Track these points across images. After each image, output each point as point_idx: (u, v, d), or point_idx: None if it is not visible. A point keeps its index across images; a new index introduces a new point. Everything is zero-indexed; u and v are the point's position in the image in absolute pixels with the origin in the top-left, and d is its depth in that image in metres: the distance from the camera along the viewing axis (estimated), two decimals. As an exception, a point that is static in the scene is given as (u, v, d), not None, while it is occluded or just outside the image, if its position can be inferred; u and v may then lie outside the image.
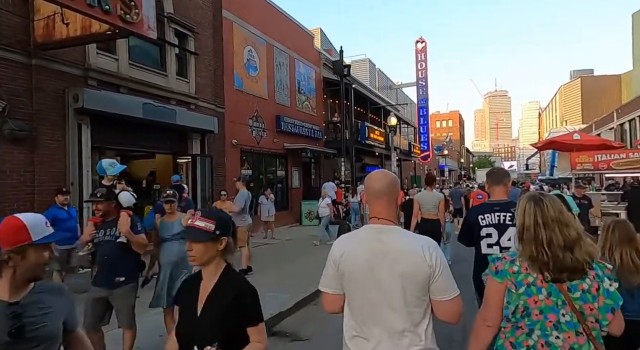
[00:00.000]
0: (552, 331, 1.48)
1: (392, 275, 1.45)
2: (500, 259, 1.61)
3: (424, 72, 33.85)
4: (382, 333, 1.46)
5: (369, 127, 18.45)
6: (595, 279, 1.48)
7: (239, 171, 12.11)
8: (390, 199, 1.56)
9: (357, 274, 1.50)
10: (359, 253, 1.52)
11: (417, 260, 1.44)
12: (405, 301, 1.44)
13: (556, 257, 1.47)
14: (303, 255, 8.87)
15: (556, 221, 1.51)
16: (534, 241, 1.52)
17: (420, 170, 35.56)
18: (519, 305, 1.51)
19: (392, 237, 1.50)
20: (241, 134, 12.14)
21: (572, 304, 1.46)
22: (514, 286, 1.52)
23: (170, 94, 9.09)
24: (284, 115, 14.42)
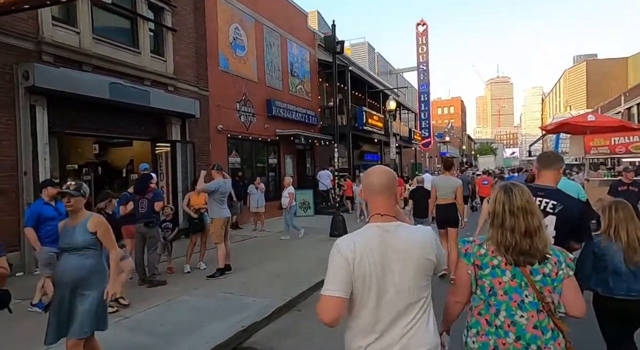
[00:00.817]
0: (517, 310, 1.62)
1: (406, 273, 1.49)
2: (470, 242, 1.76)
3: (425, 56, 32.74)
4: (397, 327, 1.49)
5: (367, 112, 17.52)
6: (556, 265, 1.63)
7: (226, 159, 11.30)
8: (390, 194, 1.57)
9: (374, 277, 1.48)
10: (373, 255, 1.48)
11: (426, 255, 1.50)
12: (418, 293, 1.51)
13: (517, 242, 1.62)
14: (292, 250, 8.12)
15: (522, 210, 1.65)
16: (500, 227, 1.67)
17: (420, 158, 34.69)
18: (485, 284, 1.67)
19: (400, 235, 1.52)
20: (228, 119, 11.29)
21: (534, 285, 1.61)
22: (479, 268, 1.68)
23: (143, 73, 8.22)
24: (276, 99, 13.53)
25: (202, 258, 6.52)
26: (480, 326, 1.70)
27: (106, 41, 7.42)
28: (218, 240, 5.94)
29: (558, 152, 21.14)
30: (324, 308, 1.45)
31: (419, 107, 32.78)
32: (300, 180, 15.17)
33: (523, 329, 1.62)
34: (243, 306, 4.69)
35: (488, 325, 1.68)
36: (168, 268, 6.21)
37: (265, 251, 7.99)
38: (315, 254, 7.50)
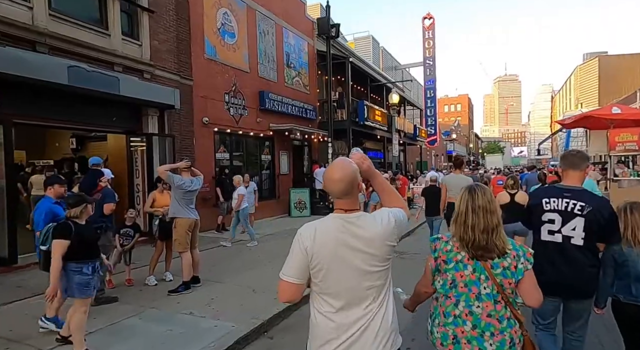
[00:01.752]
0: (475, 301, 1.78)
1: (366, 260, 1.53)
2: (439, 239, 1.93)
3: (432, 51, 31.69)
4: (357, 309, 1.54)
5: (369, 106, 16.53)
6: (515, 259, 1.78)
7: (212, 155, 10.43)
8: (351, 189, 1.55)
9: (332, 264, 1.53)
10: (329, 243, 1.53)
11: (387, 241, 1.55)
12: (377, 278, 1.56)
13: (476, 238, 1.78)
14: (278, 257, 7.20)
15: (482, 209, 1.81)
16: (463, 224, 1.82)
17: (426, 155, 33.60)
18: (448, 278, 1.83)
19: (360, 224, 1.55)
20: (215, 112, 10.40)
21: (494, 278, 1.76)
22: (444, 262, 1.85)
23: (113, 58, 7.35)
24: (270, 91, 12.62)
25: (169, 267, 5.64)
26: (439, 318, 1.85)
27: (66, 19, 6.55)
28: (182, 249, 5.05)
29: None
30: (280, 289, 1.59)
31: (425, 104, 31.72)
32: (296, 179, 14.27)
33: (478, 318, 1.76)
34: (199, 333, 3.80)
35: (444, 316, 1.83)
36: (126, 280, 5.34)
37: (246, 258, 7.09)
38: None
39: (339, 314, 1.54)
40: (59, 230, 3.18)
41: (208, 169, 10.11)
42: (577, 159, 2.58)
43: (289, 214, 13.22)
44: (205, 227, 9.77)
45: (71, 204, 3.37)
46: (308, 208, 13.36)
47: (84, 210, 3.37)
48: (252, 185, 9.38)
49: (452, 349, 1.79)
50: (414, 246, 7.97)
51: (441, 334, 1.83)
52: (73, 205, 3.35)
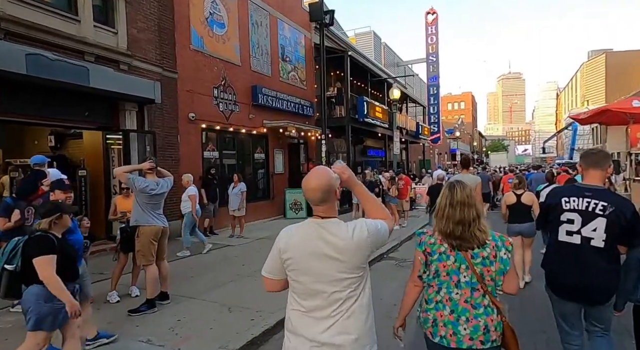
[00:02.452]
0: (454, 289, 1.89)
1: (333, 265, 1.56)
2: (424, 233, 2.05)
3: (435, 47, 30.87)
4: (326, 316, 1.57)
5: (369, 102, 15.81)
6: (494, 249, 1.88)
7: (200, 154, 9.75)
8: (327, 197, 1.59)
9: (301, 265, 1.60)
10: (301, 247, 1.60)
11: (360, 247, 1.57)
12: (348, 283, 1.57)
13: (451, 229, 1.90)
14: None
15: (460, 203, 1.92)
16: (442, 217, 1.95)
17: (429, 154, 32.82)
18: (432, 268, 1.96)
19: (333, 231, 1.58)
20: (203, 107, 9.72)
21: (474, 267, 1.87)
22: (429, 255, 1.97)
23: (84, 46, 6.68)
24: (263, 86, 11.92)
25: (136, 281, 4.96)
26: (423, 304, 2.02)
27: (25, 2, 5.87)
28: (146, 261, 4.36)
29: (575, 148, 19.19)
30: (265, 283, 1.76)
31: (428, 101, 30.92)
32: (292, 178, 13.58)
33: (456, 303, 1.89)
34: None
35: (427, 303, 1.98)
36: (84, 296, 4.66)
37: (229, 268, 6.41)
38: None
39: (308, 314, 1.60)
40: (42, 244, 2.57)
41: (195, 168, 9.44)
42: (599, 158, 2.50)
43: (284, 216, 12.55)
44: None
45: (41, 213, 2.73)
46: (304, 209, 12.66)
47: (58, 222, 2.71)
48: (240, 186, 8.69)
49: (431, 331, 1.93)
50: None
51: (424, 318, 1.98)
52: (43, 215, 2.69)
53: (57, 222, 2.68)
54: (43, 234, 2.63)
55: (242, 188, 8.69)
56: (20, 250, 2.59)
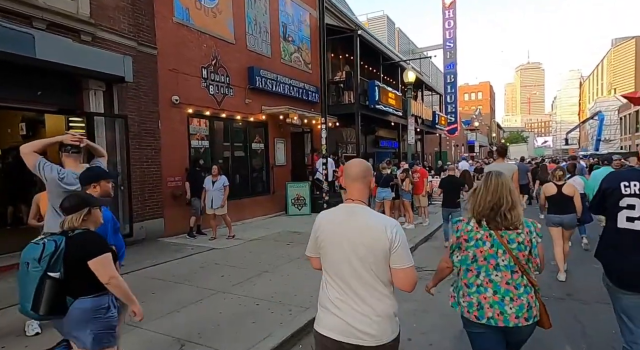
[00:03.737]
0: (493, 271, 2.05)
1: (359, 244, 1.73)
2: (460, 221, 2.20)
3: (452, 33, 29.05)
4: (347, 292, 1.75)
5: (381, 88, 14.37)
6: (528, 234, 2.06)
7: (185, 142, 8.58)
8: (364, 182, 1.84)
9: (330, 243, 1.80)
10: (331, 227, 1.81)
11: (378, 234, 1.72)
12: (366, 269, 1.72)
13: (485, 208, 2.07)
14: (250, 279, 5.31)
15: (494, 187, 2.09)
16: (478, 200, 2.11)
17: (446, 145, 31.12)
18: (469, 254, 2.10)
19: (361, 214, 1.78)
20: (189, 89, 8.54)
21: (511, 252, 2.03)
22: (465, 241, 2.11)
23: (31, 9, 5.53)
24: (261, 67, 10.67)
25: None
26: (463, 289, 2.12)
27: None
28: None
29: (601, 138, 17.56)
30: (311, 262, 1.98)
31: (445, 90, 29.22)
32: (295, 171, 12.36)
33: (498, 285, 2.03)
34: None
35: (468, 287, 2.09)
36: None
37: (201, 281, 5.20)
38: (276, 289, 4.69)
39: (332, 290, 1.79)
40: (95, 241, 2.18)
41: (180, 159, 8.30)
42: None
43: (285, 212, 11.34)
44: (175, 231, 8.02)
45: (65, 208, 2.22)
46: (308, 205, 11.44)
47: (88, 218, 2.23)
48: (221, 180, 7.50)
49: (477, 314, 2.03)
50: (432, 259, 5.96)
51: (467, 303, 2.08)
52: (68, 210, 2.20)
53: (86, 219, 2.21)
54: (88, 230, 2.20)
55: (224, 182, 7.48)
56: (61, 254, 2.09)
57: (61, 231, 2.16)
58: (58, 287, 2.06)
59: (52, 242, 2.09)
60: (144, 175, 7.40)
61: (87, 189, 2.58)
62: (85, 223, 2.19)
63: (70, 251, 2.07)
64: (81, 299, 2.09)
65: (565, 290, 4.80)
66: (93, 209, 2.23)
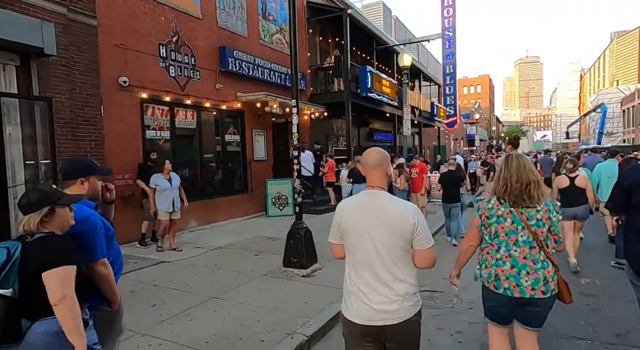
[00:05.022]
0: (513, 246, 2.18)
1: (381, 229, 1.81)
2: (481, 200, 2.33)
3: (451, 21, 27.55)
4: (370, 277, 1.83)
5: (374, 74, 13.01)
6: (547, 212, 2.17)
7: (138, 133, 7.25)
8: (382, 169, 1.92)
9: (352, 230, 1.86)
10: (355, 212, 1.88)
11: (401, 218, 1.80)
12: (394, 249, 1.81)
13: (509, 187, 2.20)
14: (205, 304, 4.00)
15: (516, 167, 2.22)
16: (499, 179, 2.26)
17: (444, 139, 29.82)
18: (492, 230, 2.24)
19: (383, 200, 1.87)
20: (142, 70, 7.20)
21: (529, 228, 2.16)
22: (487, 218, 2.26)
23: None
24: (235, 48, 9.33)
25: None
26: (487, 261, 2.27)
27: None
28: None
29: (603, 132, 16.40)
30: (332, 251, 2.02)
31: (444, 81, 27.79)
32: (277, 167, 11.05)
33: (516, 259, 2.17)
34: None
35: (490, 259, 2.25)
36: None
37: (140, 304, 3.90)
38: (218, 327, 3.38)
39: (356, 276, 1.87)
40: (60, 249, 1.68)
41: (131, 153, 6.98)
42: None
43: (265, 213, 10.05)
44: (123, 239, 6.68)
45: (22, 205, 1.74)
46: (291, 204, 10.15)
47: (49, 219, 1.73)
48: (176, 177, 6.19)
49: (495, 284, 2.21)
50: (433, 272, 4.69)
51: (487, 274, 2.25)
52: (25, 208, 1.73)
53: (47, 220, 1.73)
54: (55, 236, 1.72)
55: (177, 180, 6.17)
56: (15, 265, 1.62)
57: (18, 236, 1.74)
58: (10, 307, 1.63)
59: (3, 250, 1.65)
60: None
61: (72, 185, 2.06)
62: (46, 225, 1.74)
63: (27, 261, 1.65)
64: (43, 320, 1.65)
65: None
66: (58, 208, 1.76)
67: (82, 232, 1.85)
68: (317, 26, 13.33)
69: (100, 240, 1.92)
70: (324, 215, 10.13)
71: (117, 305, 2.04)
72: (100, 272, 1.91)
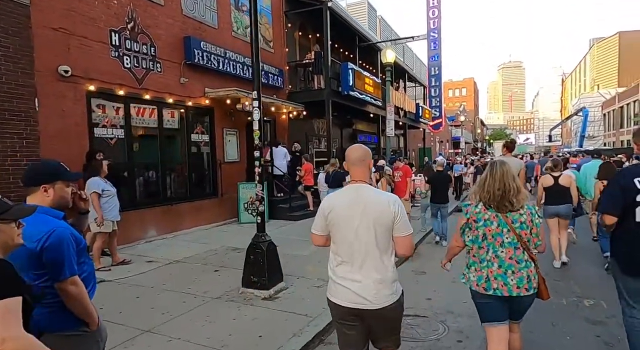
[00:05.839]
0: (499, 248, 2.34)
1: (365, 219, 1.98)
2: (469, 205, 2.47)
3: (437, 22, 27.27)
4: (354, 264, 2.00)
5: (356, 71, 12.32)
6: (530, 215, 2.36)
7: (84, 130, 6.36)
8: (364, 164, 2.09)
9: (340, 221, 2.02)
10: (342, 204, 2.04)
11: (384, 208, 1.99)
12: (376, 238, 1.98)
13: (492, 194, 2.36)
14: (126, 341, 3.16)
15: (499, 175, 2.37)
16: (483, 186, 2.41)
17: (430, 141, 29.43)
18: (479, 233, 2.38)
19: (366, 193, 2.04)
20: (89, 59, 6.32)
21: (514, 230, 2.32)
22: (475, 222, 2.39)
23: None
24: (203, 39, 8.51)
25: None
26: (476, 264, 2.40)
27: None
28: None
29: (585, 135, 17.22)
30: (312, 239, 2.19)
31: (429, 82, 27.45)
32: (252, 168, 10.21)
33: (502, 260, 2.33)
34: None
35: (480, 262, 2.39)
36: None
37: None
38: None
39: (341, 262, 2.04)
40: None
41: (74, 153, 6.07)
42: None
43: (237, 220, 9.23)
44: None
45: None
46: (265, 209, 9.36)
47: None
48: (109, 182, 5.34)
49: (485, 286, 2.33)
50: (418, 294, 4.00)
51: (477, 276, 2.38)
52: None
53: None
54: None
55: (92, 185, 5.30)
56: None
57: None
58: None
59: None
60: (7, 175, 5.17)
61: (34, 193, 1.79)
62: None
63: None
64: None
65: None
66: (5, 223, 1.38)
67: (46, 248, 1.63)
68: (296, 20, 12.60)
69: (69, 255, 1.68)
70: (301, 221, 9.39)
71: (96, 326, 1.79)
72: (70, 292, 1.66)
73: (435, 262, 5.58)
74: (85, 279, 1.76)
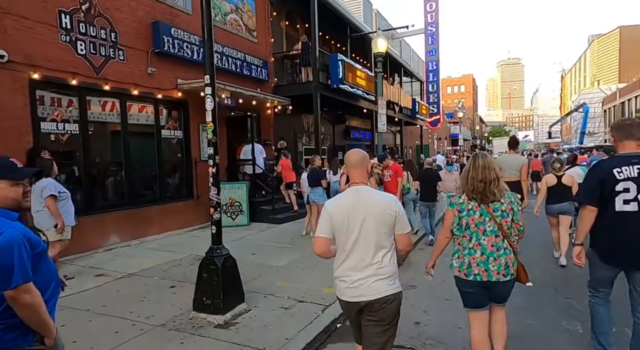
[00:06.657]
0: (482, 236, 2.45)
1: (369, 219, 2.09)
2: (453, 196, 2.60)
3: (434, 16, 26.51)
4: (358, 262, 2.11)
5: (346, 63, 11.52)
6: (510, 204, 2.47)
7: (26, 122, 5.57)
8: (363, 167, 2.22)
9: (345, 222, 2.11)
10: (346, 207, 2.14)
11: (385, 208, 2.11)
12: (378, 236, 2.10)
13: (475, 186, 2.46)
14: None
15: (481, 167, 2.47)
16: (467, 177, 2.52)
17: (427, 139, 28.66)
18: (463, 222, 2.49)
19: (366, 194, 2.17)
20: (32, 43, 5.53)
21: (495, 219, 2.44)
22: (459, 212, 2.50)
23: None
24: (175, 25, 7.72)
25: None
26: (459, 252, 2.53)
27: None
28: None
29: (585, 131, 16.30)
30: (316, 244, 2.18)
31: (427, 78, 26.71)
32: (233, 168, 9.48)
33: (485, 247, 2.45)
34: None
35: (463, 249, 2.51)
36: None
37: None
38: None
39: (347, 262, 2.14)
40: None
41: (14, 152, 5.26)
42: (633, 128, 2.64)
43: (215, 223, 8.44)
44: None
45: None
46: (245, 212, 8.62)
47: None
48: (42, 184, 4.55)
49: (466, 272, 2.47)
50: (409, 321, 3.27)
51: (459, 262, 2.51)
52: None
53: None
54: None
55: (45, 187, 4.52)
56: None
57: None
58: None
59: None
60: None
61: None
62: None
63: None
64: None
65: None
66: None
67: None
68: (282, 9, 11.81)
69: (20, 260, 1.50)
70: (284, 224, 8.64)
71: (53, 341, 1.64)
72: (22, 301, 1.49)
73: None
74: (41, 288, 1.59)
